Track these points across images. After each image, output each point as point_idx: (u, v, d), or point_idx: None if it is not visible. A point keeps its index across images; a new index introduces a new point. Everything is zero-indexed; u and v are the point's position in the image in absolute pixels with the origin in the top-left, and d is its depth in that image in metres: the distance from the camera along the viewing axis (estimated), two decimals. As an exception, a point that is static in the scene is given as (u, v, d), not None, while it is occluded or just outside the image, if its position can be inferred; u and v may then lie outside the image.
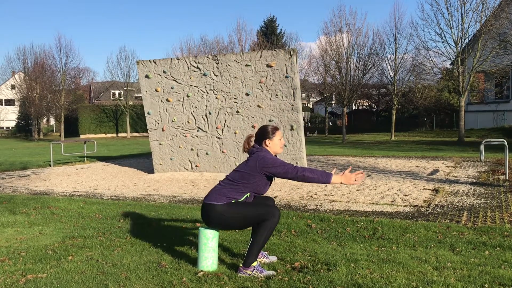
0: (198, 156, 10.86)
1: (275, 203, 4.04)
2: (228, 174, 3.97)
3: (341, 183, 3.75)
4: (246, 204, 3.81)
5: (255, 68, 9.96)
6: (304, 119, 42.06)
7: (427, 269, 3.81)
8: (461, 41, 23.67)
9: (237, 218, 3.76)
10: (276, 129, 3.94)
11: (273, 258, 4.15)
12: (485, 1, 22.71)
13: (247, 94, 10.12)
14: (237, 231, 5.28)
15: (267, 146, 3.90)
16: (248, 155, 3.95)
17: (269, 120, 10.02)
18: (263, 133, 3.92)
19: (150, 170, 12.00)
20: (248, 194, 3.84)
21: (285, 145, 9.86)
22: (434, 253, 4.28)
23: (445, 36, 24.22)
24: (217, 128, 10.56)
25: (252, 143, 3.99)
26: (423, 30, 47.69)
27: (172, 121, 10.95)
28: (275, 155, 3.94)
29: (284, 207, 6.82)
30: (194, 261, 4.03)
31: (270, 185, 3.96)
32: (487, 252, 4.30)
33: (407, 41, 41.05)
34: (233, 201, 3.79)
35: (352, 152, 17.25)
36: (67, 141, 21.39)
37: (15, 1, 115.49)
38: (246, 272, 3.73)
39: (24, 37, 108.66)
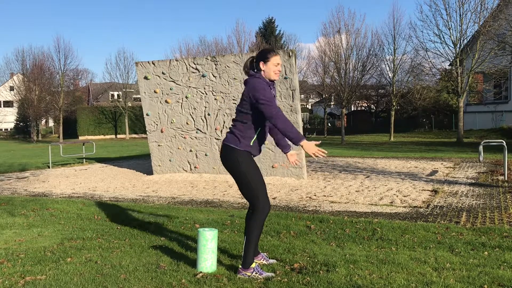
0: (197, 157, 10.85)
1: (271, 204, 4.02)
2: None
3: (302, 146, 3.58)
4: (259, 175, 3.77)
5: (254, 69, 9.96)
6: (303, 120, 42.07)
7: (426, 270, 3.81)
8: (460, 42, 23.71)
9: (246, 173, 3.71)
10: (274, 53, 3.82)
11: (273, 261, 4.14)
12: (483, 2, 22.76)
13: (246, 95, 10.12)
14: (236, 232, 5.28)
15: (262, 70, 3.80)
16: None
17: (268, 121, 10.01)
18: (261, 54, 3.83)
19: (149, 171, 11.99)
20: (260, 128, 3.78)
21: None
22: (433, 254, 4.28)
23: (443, 37, 24.28)
24: (216, 129, 10.55)
25: (252, 63, 3.87)
26: (422, 31, 47.71)
27: (171, 122, 10.94)
28: (272, 82, 3.84)
29: (283, 208, 6.81)
30: (193, 263, 4.03)
31: None
32: (486, 252, 4.30)
33: (405, 42, 41.26)
34: (250, 143, 3.73)
35: (351, 153, 17.25)
36: (65, 142, 21.35)
37: (13, 2, 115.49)
38: (246, 274, 3.73)
39: (22, 39, 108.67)
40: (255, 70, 3.83)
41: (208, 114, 10.57)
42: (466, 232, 5.06)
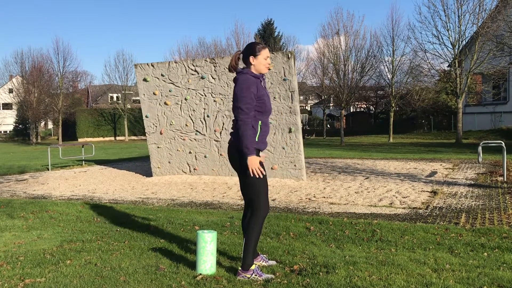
0: (196, 159, 10.85)
1: (271, 205, 4.02)
2: None
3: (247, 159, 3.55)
4: (264, 175, 3.70)
5: (253, 71, 9.96)
6: (302, 122, 42.07)
7: (426, 271, 3.81)
8: (458, 43, 23.77)
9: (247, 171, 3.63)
10: (263, 47, 3.79)
11: (272, 263, 4.14)
12: (482, 3, 22.83)
13: (245, 97, 10.12)
14: (235, 234, 5.28)
15: (252, 64, 3.75)
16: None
17: (267, 123, 10.01)
18: (249, 49, 3.77)
19: (148, 173, 11.99)
20: (260, 122, 3.70)
21: (283, 148, 9.87)
22: (432, 255, 4.28)
23: (442, 38, 24.43)
24: (215, 131, 10.56)
25: (240, 59, 3.81)
26: (421, 32, 47.96)
27: (170, 124, 10.94)
28: (262, 76, 3.77)
29: (282, 209, 6.81)
30: (192, 265, 4.03)
31: (269, 101, 3.78)
32: (485, 253, 4.31)
33: (404, 43, 41.19)
34: (256, 138, 3.65)
35: (350, 154, 17.26)
36: (65, 144, 21.37)
37: (12, 4, 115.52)
38: (245, 276, 3.72)
39: (21, 41, 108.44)
40: (244, 66, 3.77)
41: (208, 116, 10.58)
42: (465, 233, 5.07)
